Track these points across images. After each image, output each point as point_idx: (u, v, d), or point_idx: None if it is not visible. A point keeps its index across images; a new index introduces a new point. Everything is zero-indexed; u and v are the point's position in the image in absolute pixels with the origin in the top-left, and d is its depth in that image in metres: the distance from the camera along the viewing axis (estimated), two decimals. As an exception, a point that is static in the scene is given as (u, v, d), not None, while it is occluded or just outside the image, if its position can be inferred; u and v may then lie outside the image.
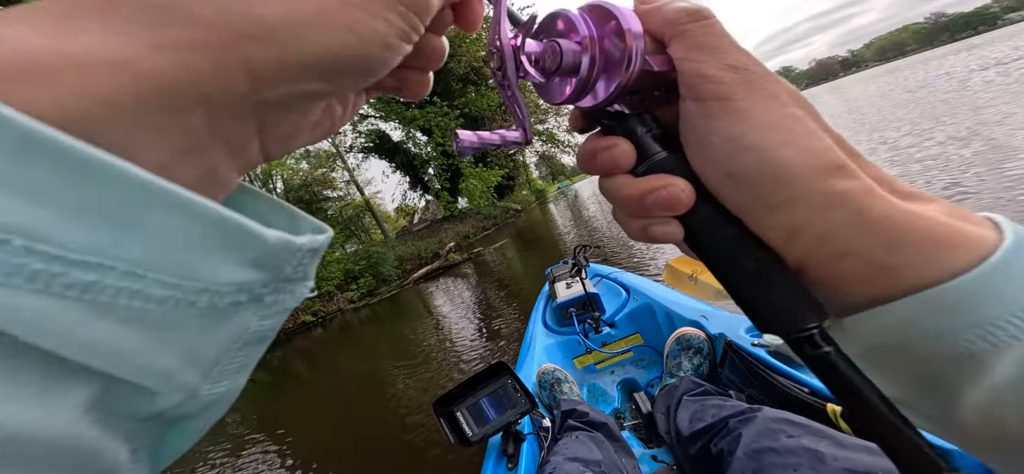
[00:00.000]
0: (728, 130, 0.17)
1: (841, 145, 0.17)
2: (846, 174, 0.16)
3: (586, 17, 0.20)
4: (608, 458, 0.81)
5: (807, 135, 0.17)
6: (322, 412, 3.88)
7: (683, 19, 0.19)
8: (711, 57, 0.18)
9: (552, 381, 1.22)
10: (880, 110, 9.63)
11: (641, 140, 0.20)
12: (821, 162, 0.16)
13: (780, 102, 0.17)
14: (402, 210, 23.47)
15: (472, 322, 4.79)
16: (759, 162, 0.17)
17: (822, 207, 0.16)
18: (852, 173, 0.16)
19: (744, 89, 0.17)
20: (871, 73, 54.35)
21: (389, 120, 17.99)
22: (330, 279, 10.93)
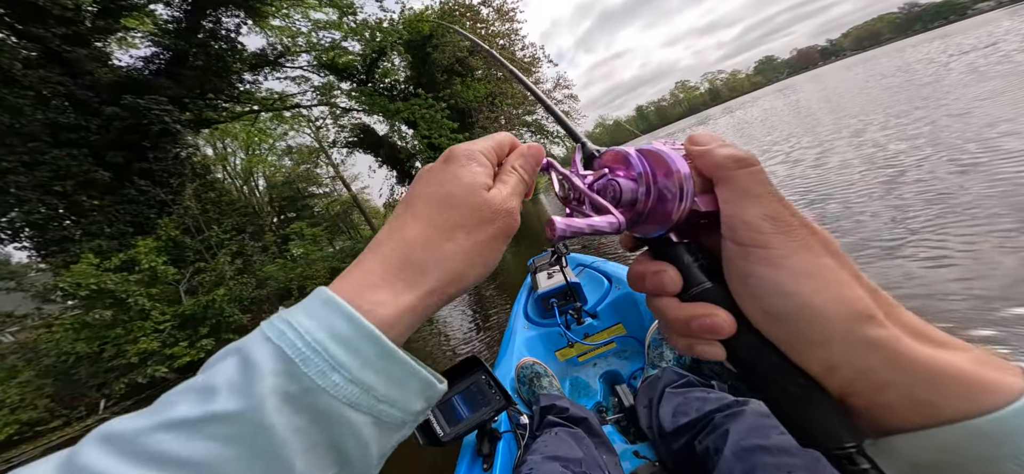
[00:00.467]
0: (766, 275, 0.19)
1: (875, 295, 0.19)
2: (877, 323, 0.18)
3: (642, 158, 0.24)
4: (588, 455, 0.77)
5: (840, 284, 0.19)
6: None
7: (731, 165, 0.21)
8: (753, 205, 0.20)
9: (531, 375, 1.18)
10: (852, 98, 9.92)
11: (687, 268, 0.23)
12: (853, 310, 0.18)
13: (814, 252, 0.19)
14: (391, 206, 23.19)
15: (460, 316, 4.76)
16: (796, 306, 0.19)
17: (857, 349, 0.18)
18: (882, 323, 0.18)
19: (781, 238, 0.19)
20: (847, 62, 55.65)
21: (373, 113, 17.60)
22: (315, 278, 10.67)
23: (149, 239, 8.16)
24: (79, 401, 7.17)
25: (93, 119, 9.37)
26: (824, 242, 0.20)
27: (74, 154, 8.63)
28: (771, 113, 15.10)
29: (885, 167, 3.64)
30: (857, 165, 4.09)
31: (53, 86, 8.83)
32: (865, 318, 0.18)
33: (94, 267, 7.01)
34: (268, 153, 17.64)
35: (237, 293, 8.94)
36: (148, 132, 10.08)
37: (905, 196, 2.86)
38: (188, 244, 9.07)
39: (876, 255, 2.27)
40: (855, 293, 0.18)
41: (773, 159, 5.97)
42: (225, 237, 10.06)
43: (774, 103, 19.30)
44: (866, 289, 0.19)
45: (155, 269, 7.60)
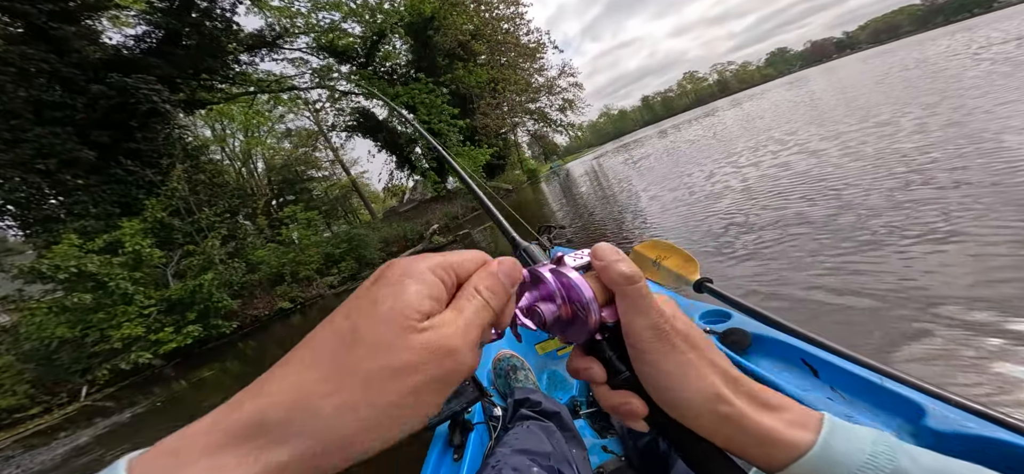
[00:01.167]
0: (652, 374, 0.25)
1: (725, 376, 0.25)
2: (724, 401, 0.24)
3: (558, 282, 0.28)
4: (558, 449, 0.78)
5: (698, 377, 0.25)
6: None
7: (622, 282, 0.26)
8: (640, 317, 0.26)
9: (508, 368, 1.20)
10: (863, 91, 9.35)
11: (609, 362, 0.28)
12: (707, 396, 0.24)
13: (678, 351, 0.25)
14: (391, 190, 22.84)
15: None
16: (673, 396, 0.25)
17: (717, 422, 0.24)
18: (729, 400, 0.24)
19: (659, 345, 0.25)
20: (863, 55, 53.82)
21: (372, 97, 17.15)
22: (309, 264, 10.44)
23: (135, 220, 7.93)
24: (61, 387, 6.93)
25: (79, 97, 9.10)
26: (689, 342, 0.26)
27: (57, 132, 8.38)
28: (778, 105, 14.47)
29: (896, 164, 3.31)
30: (858, 160, 3.75)
31: (37, 63, 8.53)
32: (716, 399, 0.24)
33: (76, 248, 6.79)
34: (267, 135, 17.35)
35: (227, 277, 8.74)
36: (136, 111, 9.80)
37: (914, 193, 2.61)
38: (176, 226, 8.83)
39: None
40: (709, 382, 0.24)
41: (763, 154, 5.56)
42: (216, 219, 9.81)
43: (784, 95, 18.62)
44: (719, 374, 0.25)
45: (140, 252, 7.36)
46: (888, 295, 1.73)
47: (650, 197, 6.17)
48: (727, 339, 0.92)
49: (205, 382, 5.67)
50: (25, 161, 7.71)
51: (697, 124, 20.08)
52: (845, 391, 0.69)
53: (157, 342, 6.98)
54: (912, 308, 1.59)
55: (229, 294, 8.57)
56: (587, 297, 0.27)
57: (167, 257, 8.20)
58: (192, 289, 7.60)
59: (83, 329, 6.65)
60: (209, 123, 16.58)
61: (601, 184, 11.27)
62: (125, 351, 6.79)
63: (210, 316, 7.91)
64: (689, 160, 8.40)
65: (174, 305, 7.58)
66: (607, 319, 0.27)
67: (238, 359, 6.58)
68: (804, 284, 2.11)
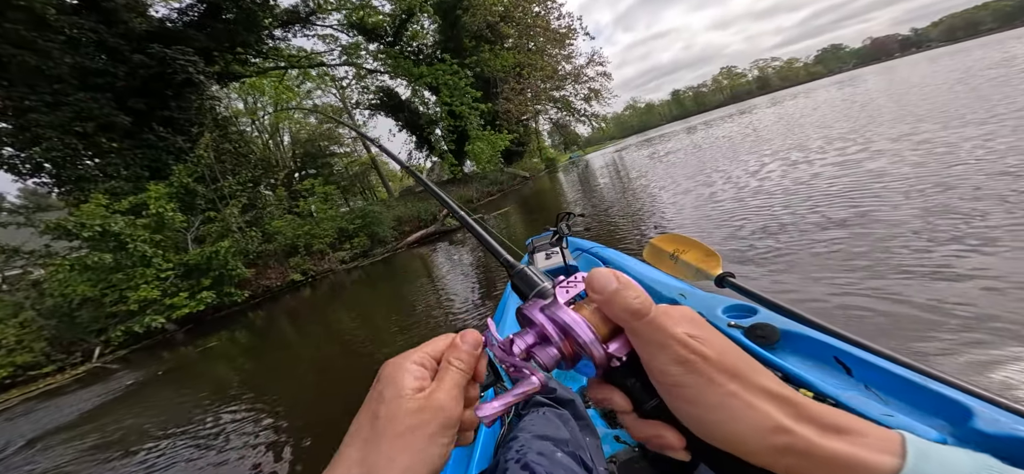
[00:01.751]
0: (688, 411, 0.23)
1: (781, 400, 0.22)
2: (784, 432, 0.21)
3: (555, 327, 0.26)
4: (574, 437, 0.74)
5: (747, 409, 0.21)
6: (301, 376, 3.64)
7: (627, 319, 0.24)
8: (660, 353, 0.23)
9: None
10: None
11: (631, 389, 0.25)
12: (762, 429, 0.21)
13: (717, 385, 0.22)
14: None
15: (464, 289, 4.58)
16: (719, 434, 0.22)
17: (776, 455, 0.21)
18: (789, 429, 0.21)
19: (692, 378, 0.22)
20: (933, 54, 48.15)
21: (397, 76, 17.02)
22: (323, 237, 10.54)
23: (161, 184, 8.19)
24: (77, 346, 7.01)
25: (121, 66, 9.41)
26: (726, 370, 0.22)
27: (97, 98, 8.72)
28: (819, 106, 13.10)
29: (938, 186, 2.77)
30: (900, 171, 3.19)
31: (86, 32, 8.86)
32: (774, 431, 0.21)
33: (103, 208, 7.07)
34: (295, 110, 17.69)
35: (243, 246, 8.95)
36: (172, 81, 10.08)
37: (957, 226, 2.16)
38: (200, 192, 9.07)
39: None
40: (761, 413, 0.21)
41: (777, 160, 4.83)
42: (238, 188, 10.04)
43: (828, 95, 16.99)
44: (773, 401, 0.22)
45: (162, 215, 7.59)
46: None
47: (671, 193, 5.73)
48: (753, 333, 0.86)
49: (212, 351, 5.73)
50: (64, 123, 8.08)
51: (730, 122, 18.75)
52: (881, 390, 0.66)
53: (171, 306, 7.15)
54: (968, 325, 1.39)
55: (244, 263, 8.78)
56: (586, 339, 0.24)
57: (189, 222, 8.44)
58: (209, 255, 7.78)
59: (103, 289, 6.83)
60: (242, 96, 17.04)
61: (620, 177, 10.77)
62: (140, 314, 6.94)
63: (224, 283, 8.11)
64: (718, 157, 7.74)
65: (191, 270, 7.80)
66: (617, 353, 0.25)
67: (247, 329, 6.65)
68: (836, 290, 1.87)
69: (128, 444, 3.08)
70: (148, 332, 7.12)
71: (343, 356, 3.78)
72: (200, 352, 5.79)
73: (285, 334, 5.70)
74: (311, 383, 3.34)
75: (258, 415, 2.85)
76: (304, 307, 7.42)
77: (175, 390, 4.27)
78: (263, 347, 5.28)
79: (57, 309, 6.98)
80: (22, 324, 6.78)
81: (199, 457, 2.53)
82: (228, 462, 2.34)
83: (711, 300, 1.06)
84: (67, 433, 3.83)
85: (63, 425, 4.09)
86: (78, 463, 3.02)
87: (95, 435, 3.52)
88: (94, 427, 3.74)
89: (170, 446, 2.82)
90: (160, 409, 3.74)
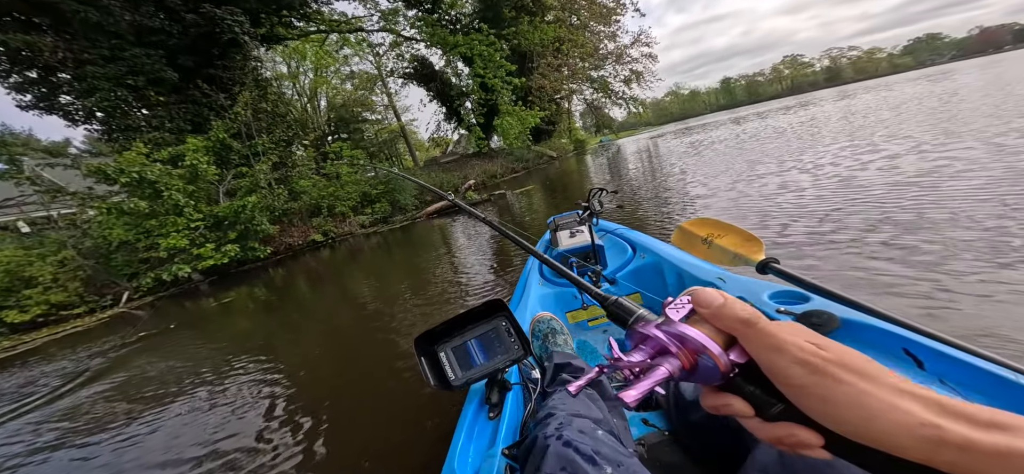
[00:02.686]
0: (822, 409, 0.21)
1: (925, 401, 0.20)
2: (933, 427, 0.19)
3: (671, 339, 0.27)
4: (605, 416, 0.71)
5: (886, 406, 0.20)
6: (317, 335, 3.53)
7: (739, 327, 0.24)
8: (779, 357, 0.22)
9: (547, 331, 1.09)
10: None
11: (752, 396, 0.25)
12: (909, 423, 0.19)
13: (846, 383, 0.21)
14: (436, 141, 22.69)
15: (480, 264, 4.39)
16: (863, 431, 0.20)
17: (933, 446, 0.19)
18: (937, 424, 0.19)
19: (815, 378, 0.21)
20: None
21: (432, 45, 16.55)
22: (346, 200, 10.61)
23: (199, 138, 8.48)
24: (109, 289, 7.05)
25: (176, 25, 9.73)
26: (853, 369, 0.21)
27: (150, 54, 9.10)
28: (882, 104, 11.09)
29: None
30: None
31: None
32: (921, 426, 0.19)
33: (144, 156, 7.42)
34: (333, 76, 17.87)
35: (269, 202, 9.19)
36: (218, 40, 10.33)
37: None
38: (235, 148, 9.34)
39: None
40: (903, 409, 0.20)
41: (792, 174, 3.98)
42: (271, 146, 10.27)
43: (905, 91, 14.42)
44: (913, 398, 0.20)
45: (196, 167, 7.86)
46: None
47: (709, 185, 5.13)
48: (807, 321, 0.76)
49: (231, 305, 5.78)
50: (118, 76, 8.50)
51: (791, 114, 16.65)
52: (960, 386, 0.59)
53: (198, 257, 7.36)
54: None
55: (270, 219, 9.03)
56: (711, 347, 0.25)
57: (222, 175, 8.74)
58: (237, 209, 8.01)
59: (137, 234, 7.08)
60: (286, 60, 17.42)
61: (652, 164, 9.89)
62: (169, 262, 7.16)
63: (249, 237, 8.37)
64: (770, 151, 6.81)
65: (219, 222, 8.09)
66: (737, 360, 0.25)
67: (266, 286, 6.70)
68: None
69: (136, 393, 3.09)
70: (175, 281, 7.34)
71: (356, 320, 3.69)
72: (220, 305, 5.88)
73: (302, 293, 5.66)
74: (321, 344, 3.25)
75: (265, 373, 2.75)
76: (323, 268, 7.41)
77: (190, 341, 4.32)
78: (280, 304, 5.25)
79: (96, 249, 7.19)
80: (61, 262, 6.87)
81: (198, 408, 2.45)
82: (224, 420, 2.21)
83: (754, 285, 0.95)
84: (96, 378, 3.88)
85: (95, 371, 4.12)
86: (98, 407, 3.00)
87: (117, 379, 3.55)
88: (118, 373, 3.76)
89: (172, 399, 2.77)
90: (175, 359, 3.75)
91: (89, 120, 8.85)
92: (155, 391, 2.96)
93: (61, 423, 2.78)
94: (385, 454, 1.52)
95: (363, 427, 1.74)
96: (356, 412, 1.92)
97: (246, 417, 2.17)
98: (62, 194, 7.70)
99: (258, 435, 1.93)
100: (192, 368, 3.28)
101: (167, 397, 2.77)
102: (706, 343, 0.25)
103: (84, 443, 2.35)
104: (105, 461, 2.08)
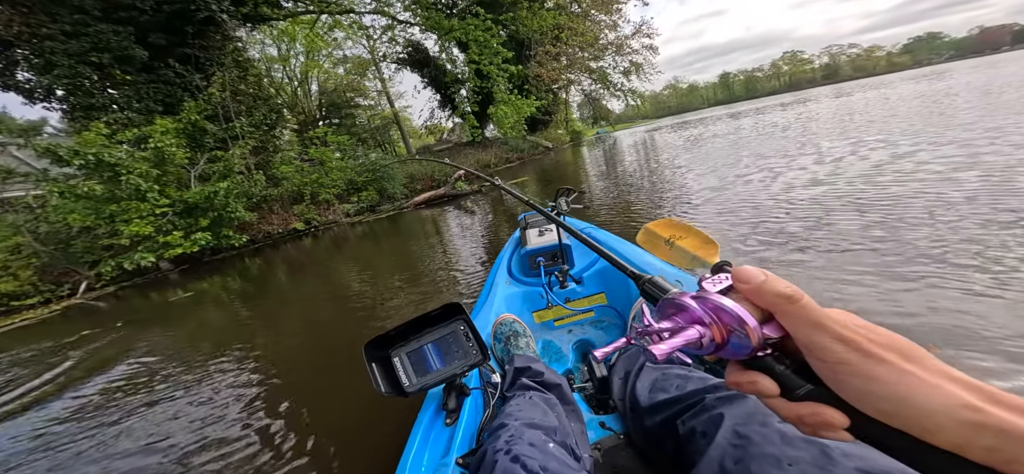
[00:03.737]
0: (860, 386, 0.21)
1: (968, 385, 0.19)
2: (976, 410, 0.18)
3: (703, 306, 0.26)
4: (561, 423, 0.71)
5: (930, 387, 0.19)
6: (294, 330, 3.32)
7: (781, 303, 0.23)
8: (819, 333, 0.22)
9: (509, 333, 1.08)
10: None
11: (781, 375, 0.25)
12: (951, 405, 0.19)
13: (889, 363, 0.20)
14: (429, 129, 21.80)
15: (470, 253, 4.23)
16: (900, 412, 0.20)
17: (972, 431, 0.18)
18: (979, 409, 0.18)
19: (858, 356, 0.21)
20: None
21: (427, 29, 15.62)
22: (330, 187, 9.96)
23: (168, 119, 7.77)
24: (67, 278, 6.34)
25: (147, 1, 8.93)
26: (897, 350, 0.20)
27: (118, 31, 8.31)
28: (876, 103, 10.55)
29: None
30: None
31: (116, -37, 8.30)
32: (964, 408, 0.18)
33: (104, 137, 6.73)
34: (325, 59, 17.00)
35: (246, 188, 8.54)
36: (194, 18, 9.51)
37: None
38: (209, 130, 8.63)
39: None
40: (947, 391, 0.19)
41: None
42: (251, 129, 9.56)
43: (900, 90, 14.19)
44: (957, 382, 0.20)
45: (163, 150, 7.17)
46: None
47: (698, 182, 5.02)
48: None
49: (204, 294, 5.35)
50: (80, 53, 7.73)
51: (788, 110, 16.20)
52: None
53: (165, 245, 6.76)
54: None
55: (247, 206, 8.39)
56: (748, 320, 0.24)
57: (192, 157, 8.06)
58: (208, 195, 7.39)
59: (98, 219, 6.43)
60: (276, 43, 16.54)
61: (647, 157, 9.58)
62: (131, 250, 6.54)
63: (222, 224, 7.76)
64: (764, 149, 6.70)
65: (191, 209, 7.48)
66: (771, 335, 0.24)
67: (241, 275, 6.21)
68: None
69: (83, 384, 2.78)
70: (140, 269, 6.72)
71: (337, 311, 3.46)
72: (191, 296, 5.40)
73: (280, 283, 5.27)
74: (299, 336, 3.06)
75: (238, 366, 2.58)
76: (304, 257, 6.91)
77: (154, 331, 3.89)
78: (256, 295, 4.88)
79: (53, 235, 6.53)
80: (14, 249, 6.20)
81: (156, 403, 2.27)
82: (187, 416, 2.04)
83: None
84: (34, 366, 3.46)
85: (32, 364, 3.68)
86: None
87: (64, 375, 3.11)
88: (65, 368, 3.29)
89: (129, 391, 2.53)
90: (134, 351, 3.35)
91: (48, 98, 8.11)
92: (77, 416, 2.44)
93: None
94: (350, 456, 1.46)
95: (327, 424, 1.68)
96: (320, 409, 1.82)
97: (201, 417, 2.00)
98: (13, 176, 7.00)
99: (203, 445, 1.77)
100: (145, 364, 2.92)
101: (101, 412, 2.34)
102: (743, 316, 0.24)
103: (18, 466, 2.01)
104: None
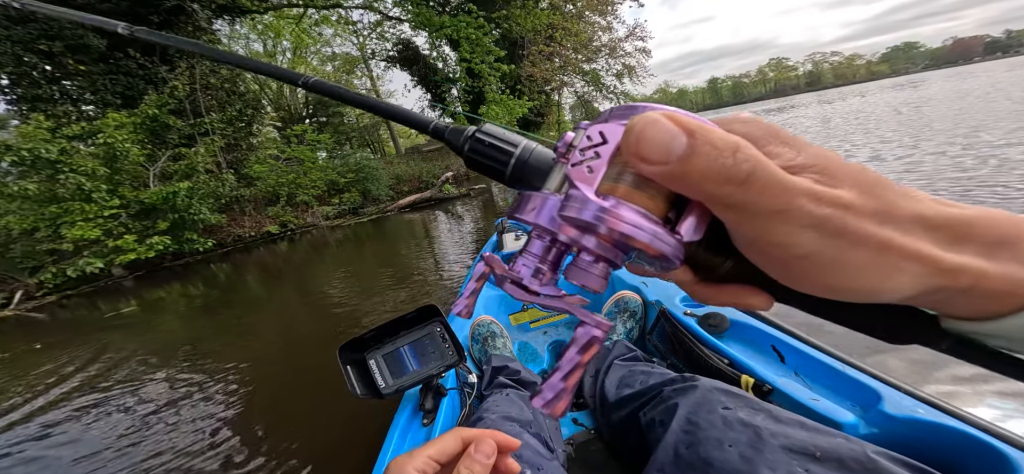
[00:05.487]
0: (816, 277, 0.14)
1: (935, 228, 0.14)
2: (943, 273, 0.13)
3: (580, 231, 0.16)
4: (536, 418, 0.71)
5: (904, 259, 0.13)
6: (262, 341, 3.02)
7: (728, 194, 0.13)
8: (781, 223, 0.13)
9: (487, 334, 1.07)
10: None
11: (694, 258, 0.18)
12: (921, 273, 0.13)
13: (865, 239, 0.13)
14: None
15: (458, 258, 4.04)
16: (859, 293, 0.14)
17: (927, 294, 0.14)
18: (944, 265, 0.13)
19: (829, 242, 0.13)
20: (1013, 61, 38.28)
21: (418, 26, 14.83)
22: (310, 188, 9.16)
23: (122, 113, 6.91)
24: (4, 287, 5.61)
25: None
26: (875, 213, 0.13)
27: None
28: (851, 113, 10.08)
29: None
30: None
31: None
32: (931, 274, 0.13)
33: (47, 131, 5.88)
34: (313, 56, 16.09)
35: (213, 188, 7.72)
36: (160, 6, 8.60)
37: None
38: (172, 125, 7.77)
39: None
40: (920, 254, 0.13)
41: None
42: (221, 126, 8.70)
43: (878, 98, 14.03)
44: (928, 231, 0.14)
45: (113, 147, 6.33)
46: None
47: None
48: (706, 322, 0.88)
49: (161, 303, 4.70)
50: (27, 40, 6.81)
51: (775, 116, 15.85)
52: (807, 377, 0.70)
53: (116, 250, 5.96)
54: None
55: (215, 207, 7.58)
56: (647, 239, 0.14)
57: (154, 155, 7.21)
58: (166, 195, 6.57)
59: (37, 221, 5.63)
60: (262, 39, 15.58)
61: None
62: (76, 255, 5.76)
63: (185, 228, 6.94)
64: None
65: (149, 210, 6.66)
66: (692, 235, 0.15)
67: (206, 283, 5.51)
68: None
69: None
70: (86, 276, 5.91)
71: (314, 321, 3.18)
72: (145, 306, 4.69)
73: (250, 291, 4.69)
74: (273, 345, 2.82)
75: (200, 385, 2.26)
76: (279, 262, 6.24)
77: (82, 351, 3.27)
78: (222, 303, 4.33)
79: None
80: None
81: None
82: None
83: (668, 288, 1.04)
84: None
85: None
86: None
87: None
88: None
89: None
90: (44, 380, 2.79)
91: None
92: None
93: None
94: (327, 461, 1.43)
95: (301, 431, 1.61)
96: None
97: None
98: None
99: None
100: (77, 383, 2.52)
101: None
102: (643, 237, 0.14)
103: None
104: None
